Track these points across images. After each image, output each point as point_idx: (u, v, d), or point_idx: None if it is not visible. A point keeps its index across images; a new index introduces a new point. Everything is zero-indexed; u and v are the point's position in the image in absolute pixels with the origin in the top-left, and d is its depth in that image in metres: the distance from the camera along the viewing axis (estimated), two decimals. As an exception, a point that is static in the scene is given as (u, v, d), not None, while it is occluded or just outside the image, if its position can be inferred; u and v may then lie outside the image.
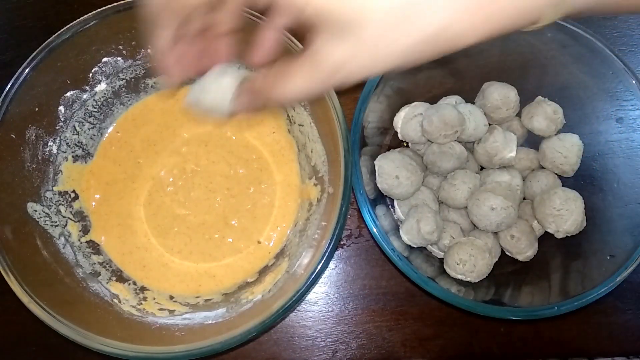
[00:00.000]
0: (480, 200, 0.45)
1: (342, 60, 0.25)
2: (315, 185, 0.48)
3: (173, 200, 0.49)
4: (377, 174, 0.47)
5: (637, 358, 0.49)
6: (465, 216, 0.48)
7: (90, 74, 0.47)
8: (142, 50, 0.48)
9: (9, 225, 0.42)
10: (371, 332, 0.50)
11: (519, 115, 0.51)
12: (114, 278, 0.47)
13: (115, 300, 0.44)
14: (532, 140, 0.51)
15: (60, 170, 0.48)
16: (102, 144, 0.50)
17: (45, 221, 0.45)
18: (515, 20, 0.26)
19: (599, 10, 0.28)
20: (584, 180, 0.49)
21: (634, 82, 0.45)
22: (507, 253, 0.48)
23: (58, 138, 0.47)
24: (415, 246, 0.47)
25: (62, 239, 0.46)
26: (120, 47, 0.47)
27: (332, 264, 0.52)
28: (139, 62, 0.49)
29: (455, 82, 0.52)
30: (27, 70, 0.43)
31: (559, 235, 0.46)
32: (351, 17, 0.24)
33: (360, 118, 0.44)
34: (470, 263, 0.44)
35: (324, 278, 0.51)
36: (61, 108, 0.47)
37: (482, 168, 0.51)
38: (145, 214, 0.49)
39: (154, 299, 0.46)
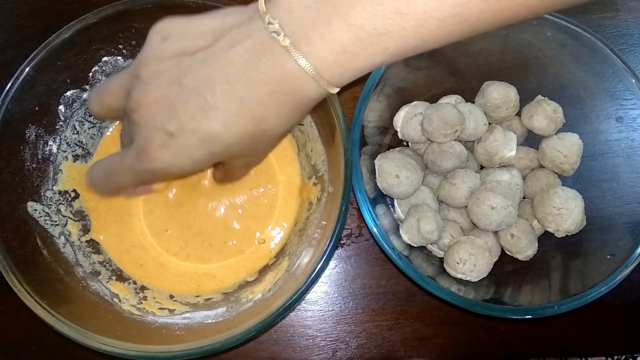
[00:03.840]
0: (480, 200, 0.45)
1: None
2: (315, 184, 0.48)
3: (174, 196, 0.49)
4: (377, 173, 0.47)
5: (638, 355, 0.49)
6: (465, 215, 0.48)
7: (91, 73, 0.47)
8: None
9: (9, 225, 0.42)
10: (371, 332, 0.50)
11: (519, 114, 0.51)
12: (114, 277, 0.47)
13: (115, 300, 0.44)
14: (532, 140, 0.52)
15: (60, 170, 0.48)
16: (102, 143, 0.50)
17: (45, 220, 0.45)
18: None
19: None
20: (583, 179, 0.49)
21: (633, 81, 0.45)
22: (507, 252, 0.48)
23: (58, 137, 0.47)
24: (415, 245, 0.47)
25: (62, 238, 0.46)
26: (120, 46, 0.47)
27: (332, 263, 0.52)
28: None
29: (455, 82, 0.52)
30: (27, 70, 0.42)
31: (559, 235, 0.46)
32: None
33: (360, 117, 0.44)
34: (470, 262, 0.44)
35: (324, 277, 0.51)
36: (61, 107, 0.47)
37: (482, 167, 0.51)
38: (144, 209, 0.49)
39: (154, 298, 0.46)
